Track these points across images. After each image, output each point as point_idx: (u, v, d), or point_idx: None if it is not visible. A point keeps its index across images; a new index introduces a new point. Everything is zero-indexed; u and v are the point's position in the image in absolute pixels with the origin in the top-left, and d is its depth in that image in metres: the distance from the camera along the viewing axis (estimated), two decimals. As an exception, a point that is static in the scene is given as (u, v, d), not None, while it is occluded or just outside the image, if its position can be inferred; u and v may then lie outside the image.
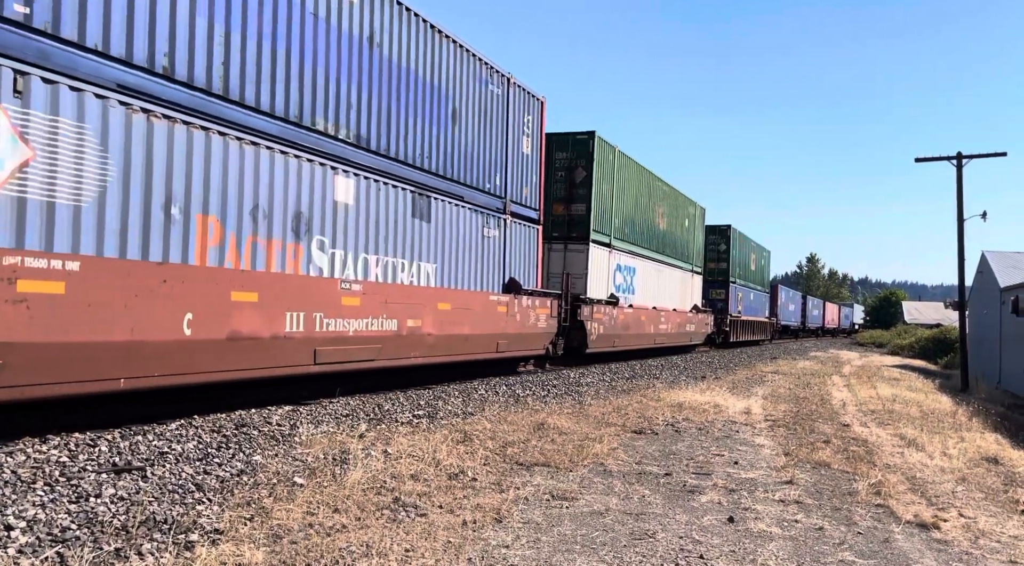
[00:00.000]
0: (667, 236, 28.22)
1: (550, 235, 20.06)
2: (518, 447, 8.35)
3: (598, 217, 20.97)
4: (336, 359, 10.56)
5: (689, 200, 31.45)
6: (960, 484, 8.19)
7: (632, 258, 24.20)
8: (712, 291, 37.35)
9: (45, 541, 4.62)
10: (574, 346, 19.26)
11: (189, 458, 6.94)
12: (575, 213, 20.52)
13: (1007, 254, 29.99)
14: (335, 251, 10.85)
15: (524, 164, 16.69)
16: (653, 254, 26.49)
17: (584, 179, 20.46)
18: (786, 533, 5.88)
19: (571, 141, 20.72)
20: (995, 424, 13.62)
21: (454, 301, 13.48)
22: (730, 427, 11.13)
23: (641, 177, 25.06)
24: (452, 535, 5.24)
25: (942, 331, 49.66)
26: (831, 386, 19.60)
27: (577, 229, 20.53)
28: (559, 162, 20.63)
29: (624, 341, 22.73)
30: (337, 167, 10.88)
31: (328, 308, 10.39)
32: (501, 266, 15.62)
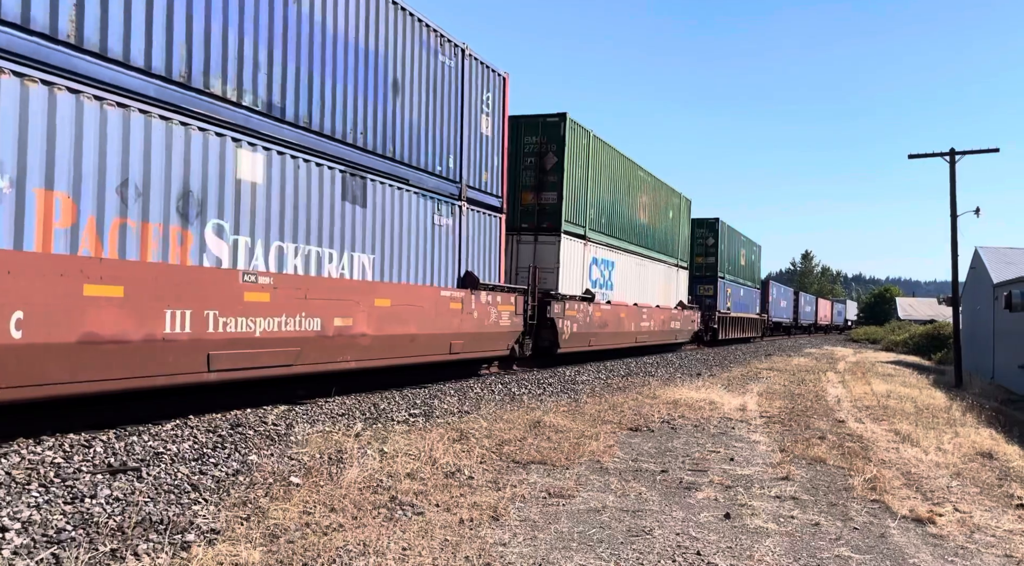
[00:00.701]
0: (649, 228, 26.78)
1: (518, 226, 18.95)
2: (514, 445, 8.35)
3: (571, 207, 19.62)
4: (239, 365, 8.95)
5: (673, 191, 30.08)
6: (955, 479, 8.22)
7: (610, 251, 22.82)
8: (700, 287, 36.27)
9: (40, 542, 4.60)
10: (544, 346, 17.95)
11: (185, 458, 6.92)
12: (545, 202, 19.01)
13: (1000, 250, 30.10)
14: (239, 238, 9.24)
15: (483, 146, 15.06)
16: (634, 247, 25.07)
17: (555, 165, 18.94)
18: (782, 529, 5.90)
19: (541, 124, 19.20)
20: (989, 419, 13.68)
21: (396, 297, 11.89)
22: (726, 424, 11.15)
23: (619, 164, 23.51)
24: (449, 533, 5.24)
25: (936, 327, 49.81)
26: (826, 382, 19.65)
27: (548, 219, 19.05)
28: (528, 147, 19.14)
29: (601, 340, 21.34)
30: (240, 139, 9.23)
31: (225, 305, 8.72)
32: (456, 258, 14.05)
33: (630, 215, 24.69)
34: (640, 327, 25.03)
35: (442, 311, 13.14)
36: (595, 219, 21.40)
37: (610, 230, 22.77)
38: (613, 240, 23.03)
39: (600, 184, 21.79)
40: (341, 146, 11.06)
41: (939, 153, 26.53)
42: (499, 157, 15.78)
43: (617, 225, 23.39)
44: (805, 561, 5.17)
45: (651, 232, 27.02)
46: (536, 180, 19.11)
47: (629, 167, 24.49)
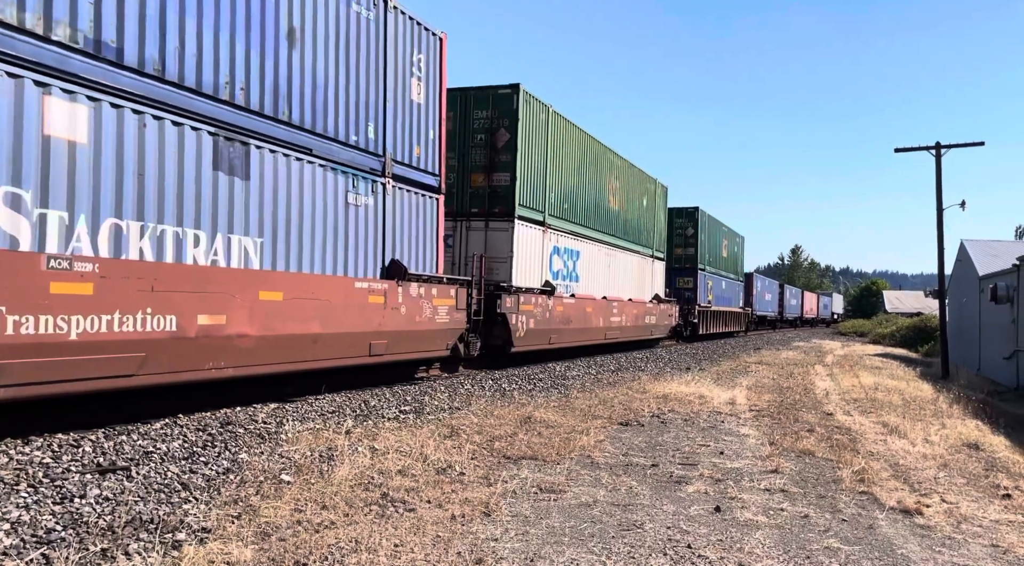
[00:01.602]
0: (621, 216, 24.72)
1: (467, 211, 17.17)
2: (505, 441, 8.37)
3: (527, 189, 17.63)
4: (43, 377, 6.89)
5: (648, 176, 27.99)
6: (942, 470, 8.29)
7: (575, 240, 20.79)
8: (679, 279, 34.71)
9: (30, 542, 4.57)
10: (497, 345, 16.19)
11: (174, 457, 6.90)
12: (497, 184, 17.02)
13: (986, 242, 30.33)
14: (48, 212, 7.17)
15: (415, 116, 12.92)
16: (603, 236, 23.00)
17: (508, 143, 16.94)
18: (772, 521, 5.94)
19: (492, 97, 17.14)
20: (975, 410, 13.80)
21: (293, 289, 9.72)
22: (715, 418, 11.20)
23: (584, 145, 21.50)
24: (441, 529, 5.25)
25: (922, 319, 50.18)
26: (814, 376, 19.78)
27: (499, 203, 17.02)
28: (478, 123, 17.12)
29: (564, 337, 19.45)
30: (51, 84, 7.18)
31: (19, 299, 6.63)
32: (379, 245, 11.98)
33: (598, 201, 22.66)
34: (610, 322, 23.10)
35: (358, 306, 10.98)
36: (556, 204, 19.50)
37: (575, 217, 20.81)
38: (578, 227, 21.07)
39: (562, 165, 19.82)
40: (212, 103, 8.94)
41: (925, 147, 26.69)
42: (435, 129, 13.61)
43: (583, 211, 21.45)
44: (795, 553, 5.21)
45: (623, 220, 25.00)
46: (487, 159, 17.14)
47: (596, 148, 22.50)
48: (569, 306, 19.72)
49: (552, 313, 18.45)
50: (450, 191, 16.24)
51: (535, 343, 17.63)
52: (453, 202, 16.78)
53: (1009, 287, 21.53)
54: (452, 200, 16.56)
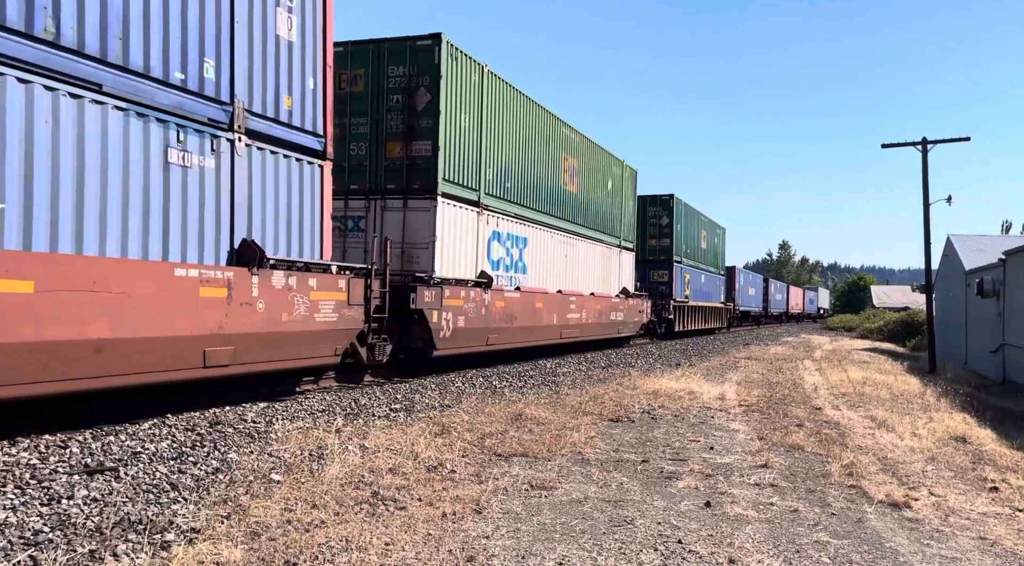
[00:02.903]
0: (580, 200, 22.24)
1: (382, 187, 14.62)
2: (496, 438, 8.37)
3: (455, 162, 14.93)
4: None
5: (614, 157, 25.31)
6: (930, 463, 8.35)
7: (521, 225, 18.10)
8: (653, 273, 32.60)
9: (17, 544, 4.54)
10: (418, 347, 13.80)
11: (163, 457, 6.86)
12: (417, 154, 14.39)
13: (972, 237, 30.55)
14: None
15: (283, 57, 10.19)
16: (557, 222, 20.42)
17: (429, 105, 14.32)
18: (762, 516, 5.96)
19: (409, 50, 14.45)
20: (962, 404, 13.91)
21: (51, 276, 6.90)
22: (705, 413, 11.24)
23: (533, 116, 18.79)
24: (432, 527, 5.24)
25: (910, 314, 50.50)
26: (803, 370, 19.88)
27: (420, 177, 14.37)
28: (394, 81, 14.53)
29: (507, 337, 16.77)
30: None
31: None
32: (224, 221, 9.19)
33: (550, 182, 19.99)
34: (567, 319, 20.52)
35: (181, 301, 8.22)
36: (496, 182, 16.79)
37: (520, 198, 18.12)
38: (525, 211, 18.38)
39: (502, 137, 17.07)
40: None
41: (911, 142, 26.85)
42: (316, 78, 10.84)
43: (531, 193, 18.75)
44: (784, 547, 5.24)
45: (582, 205, 22.51)
46: (404, 125, 14.44)
47: (548, 121, 19.74)
48: (513, 301, 16.98)
49: (490, 309, 15.81)
50: (361, 164, 14.66)
51: (467, 344, 15.06)
52: (366, 177, 14.69)
53: (995, 281, 21.70)
54: (364, 174, 14.67)
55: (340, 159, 14.20)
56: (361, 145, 14.79)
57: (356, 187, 14.77)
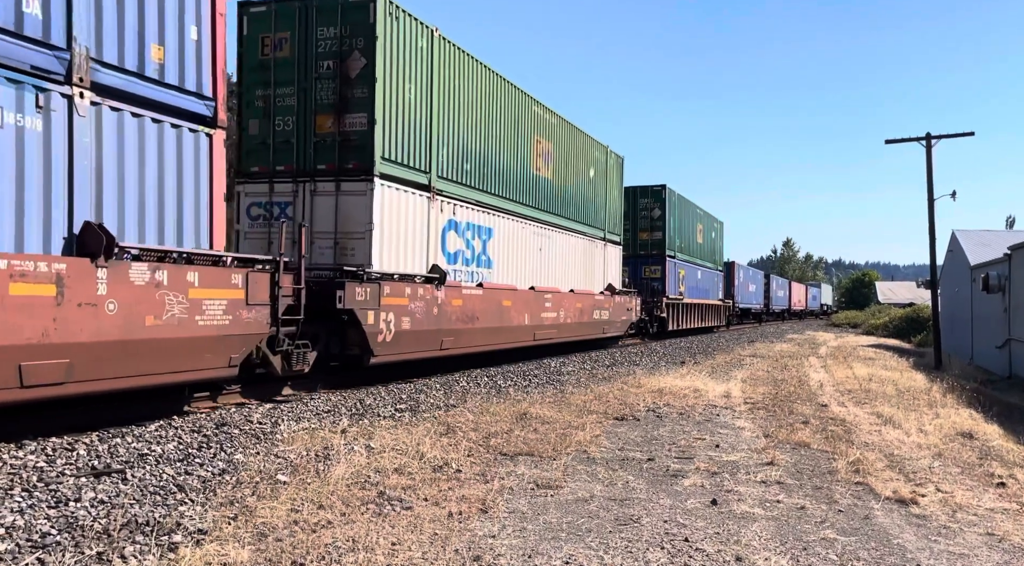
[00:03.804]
0: (556, 188, 20.09)
1: (312, 168, 12.62)
2: (501, 437, 8.37)
3: (396, 137, 12.94)
4: None
5: (596, 142, 23.18)
6: (936, 459, 8.33)
7: (485, 214, 16.16)
8: (645, 268, 30.70)
9: (25, 547, 4.55)
10: (354, 354, 11.99)
11: (170, 459, 6.88)
12: (351, 129, 12.42)
13: (977, 232, 30.47)
14: None
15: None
16: (530, 211, 18.42)
17: (364, 71, 12.32)
18: (768, 513, 5.96)
19: (340, 9, 12.48)
20: (969, 400, 13.87)
21: None
22: (711, 411, 11.23)
23: (496, 91, 16.56)
24: (438, 527, 5.24)
25: (915, 310, 50.44)
26: (808, 367, 19.84)
27: (353, 156, 12.38)
28: (324, 45, 12.56)
29: (467, 339, 14.86)
30: None
31: None
32: (59, 199, 7.37)
33: (520, 166, 17.85)
34: (542, 319, 18.48)
35: None
36: (452, 164, 14.78)
37: (483, 183, 16.08)
38: (489, 198, 16.35)
39: (459, 113, 15.00)
40: None
41: (915, 138, 26.80)
42: (203, 26, 9.11)
43: (496, 177, 16.67)
44: (791, 544, 5.23)
45: (559, 193, 20.33)
46: (336, 96, 12.48)
47: (515, 98, 17.55)
48: (473, 299, 15.02)
49: (444, 308, 13.86)
50: (288, 141, 12.69)
51: (414, 349, 13.12)
52: (293, 156, 12.69)
53: (1000, 276, 21.64)
54: (291, 153, 12.69)
55: (264, 136, 12.76)
56: (288, 119, 12.76)
57: (283, 168, 12.77)
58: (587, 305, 21.86)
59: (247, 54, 12.96)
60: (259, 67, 12.78)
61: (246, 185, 12.96)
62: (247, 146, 12.97)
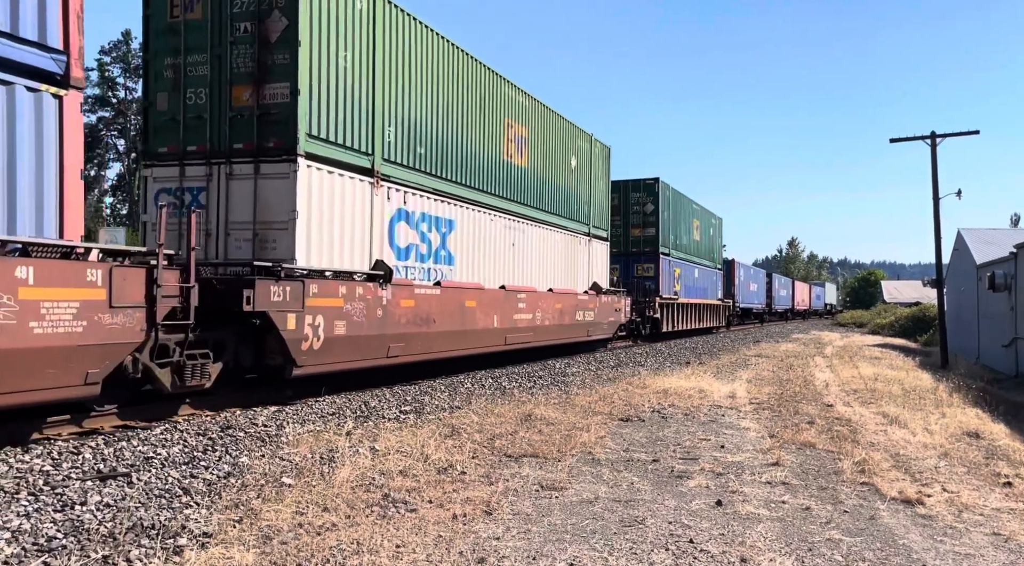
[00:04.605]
0: (532, 177, 18.34)
1: (227, 147, 10.92)
2: (506, 439, 8.37)
3: (330, 114, 11.24)
4: None
5: (579, 130, 21.52)
6: (943, 459, 8.31)
7: (444, 204, 14.46)
8: (637, 267, 29.13)
9: (31, 551, 4.57)
10: (276, 364, 10.28)
11: (175, 462, 6.90)
12: (271, 101, 10.76)
13: (982, 231, 30.36)
14: None
15: None
16: (500, 202, 16.70)
17: (286, 34, 10.67)
18: (774, 514, 5.94)
19: None
20: (975, 399, 13.82)
21: None
22: (716, 411, 11.21)
23: (458, 66, 14.91)
24: (443, 529, 5.25)
25: (921, 309, 50.23)
26: (814, 367, 19.80)
27: (274, 133, 10.72)
28: (240, 4, 10.95)
29: (420, 345, 13.10)
30: None
31: None
32: None
33: (489, 152, 16.19)
34: (514, 322, 16.74)
35: None
36: (402, 146, 13.06)
37: (442, 169, 14.36)
38: (449, 186, 14.66)
39: (410, 88, 13.25)
40: None
41: (920, 136, 26.71)
42: None
43: (458, 163, 14.98)
44: (797, 545, 5.22)
45: (535, 183, 18.59)
46: (254, 63, 10.81)
47: (482, 76, 15.85)
48: (428, 299, 13.33)
49: (390, 310, 12.13)
50: (200, 116, 11.03)
51: (352, 358, 11.38)
52: (206, 134, 11.01)
53: (1007, 275, 21.56)
54: (204, 131, 11.01)
55: (174, 111, 11.13)
56: (200, 91, 11.10)
57: (195, 148, 11.10)
58: (568, 306, 20.14)
59: (154, 16, 11.31)
60: (168, 31, 11.14)
61: (154, 169, 11.32)
62: (154, 123, 11.35)
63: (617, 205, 28.34)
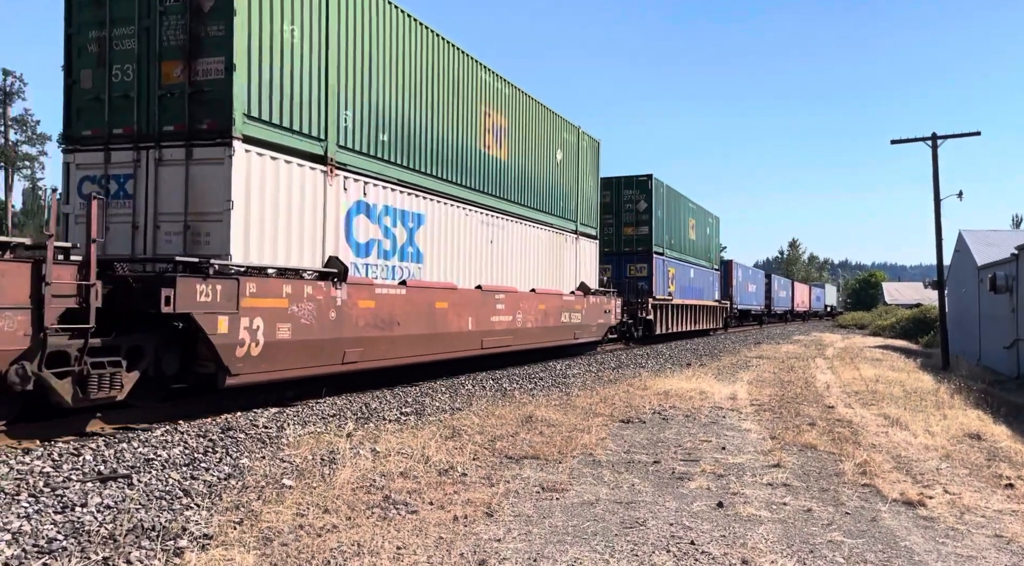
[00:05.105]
0: (512, 170, 17.31)
1: (155, 130, 9.91)
2: (507, 441, 8.36)
3: (274, 93, 10.22)
4: None
5: (566, 122, 20.50)
6: (944, 461, 8.29)
7: (411, 197, 13.36)
8: (630, 267, 28.23)
9: (31, 553, 4.56)
10: (208, 373, 9.26)
11: (175, 464, 6.89)
12: (204, 77, 9.74)
13: (983, 232, 30.33)
14: None
15: None
16: (476, 196, 15.64)
17: (220, 1, 9.72)
18: (775, 516, 5.93)
19: None
20: (976, 401, 13.80)
21: None
22: (717, 413, 11.20)
23: (428, 48, 13.87)
24: (443, 531, 5.24)
25: (922, 311, 50.16)
26: (815, 369, 19.78)
27: (208, 112, 9.69)
28: None
29: (382, 350, 12.02)
30: None
31: None
32: None
33: (464, 142, 15.20)
34: (492, 324, 15.69)
35: None
36: (362, 133, 12.00)
37: (409, 158, 13.27)
38: (417, 177, 13.55)
39: (371, 70, 12.16)
40: None
41: (921, 138, 26.69)
42: None
43: (428, 153, 13.91)
44: (798, 547, 5.20)
45: (516, 176, 17.56)
46: (185, 35, 9.87)
47: (455, 60, 14.82)
48: (392, 300, 12.24)
49: (347, 312, 11.07)
50: (127, 95, 10.03)
51: (300, 364, 10.30)
52: (133, 115, 10.02)
53: (1008, 276, 21.54)
54: (132, 112, 10.03)
55: (99, 90, 10.14)
56: (127, 68, 10.08)
57: (121, 131, 10.09)
58: (553, 307, 19.00)
59: None
60: (92, 2, 10.20)
61: (76, 154, 10.30)
62: (77, 103, 10.30)
63: (609, 203, 27.75)
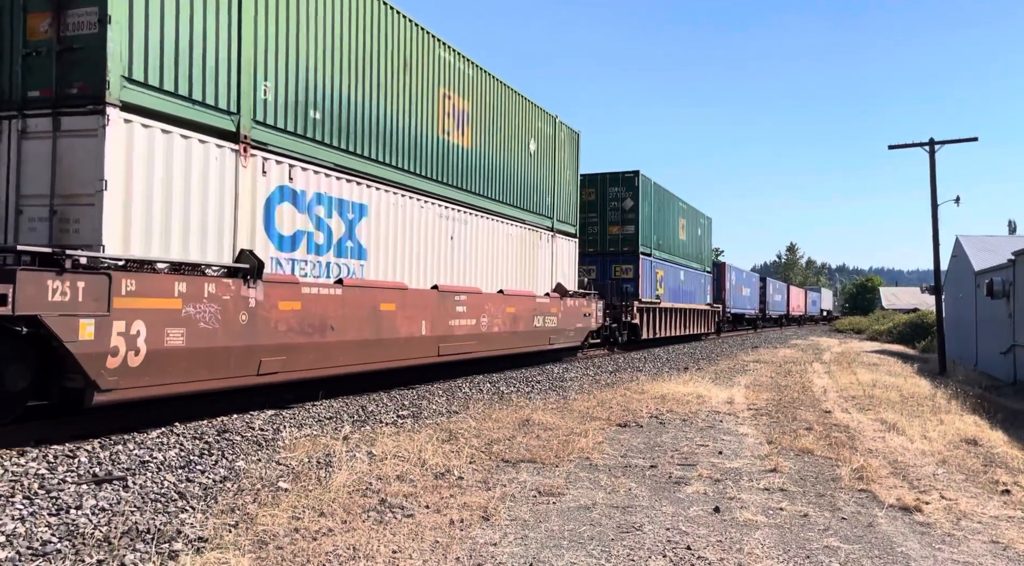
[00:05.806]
0: (476, 159, 15.71)
1: (18, 95, 8.21)
2: (504, 444, 8.35)
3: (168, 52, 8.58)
4: None
5: (540, 110, 18.93)
6: (941, 466, 8.29)
7: (350, 183, 11.70)
8: (615, 268, 26.96)
9: (25, 555, 4.55)
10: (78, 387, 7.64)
11: (171, 466, 6.87)
12: (75, 32, 8.05)
13: (981, 238, 30.39)
14: None
15: None
16: (432, 186, 14.02)
17: None
18: (771, 521, 5.92)
19: None
20: (973, 406, 13.81)
21: None
22: (714, 417, 11.19)
23: (373, 16, 12.22)
24: (439, 535, 5.23)
25: (919, 315, 50.26)
26: (812, 373, 19.78)
27: (79, 73, 8.00)
28: None
29: (311, 358, 10.48)
30: None
31: None
32: None
33: (417, 125, 13.53)
34: (451, 328, 14.15)
35: None
36: (287, 107, 10.36)
37: (348, 140, 11.64)
38: (358, 161, 11.90)
39: (298, 34, 10.51)
40: None
41: (919, 143, 26.74)
42: None
43: (373, 135, 12.26)
44: (794, 553, 5.20)
45: (481, 166, 15.95)
46: None
47: (408, 33, 13.20)
48: (323, 301, 10.71)
49: (262, 314, 9.57)
50: None
51: (194, 377, 8.66)
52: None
53: (1005, 282, 21.58)
54: None
55: None
56: None
57: None
58: (524, 310, 17.38)
59: None
60: None
61: None
62: None
63: (594, 200, 26.93)
